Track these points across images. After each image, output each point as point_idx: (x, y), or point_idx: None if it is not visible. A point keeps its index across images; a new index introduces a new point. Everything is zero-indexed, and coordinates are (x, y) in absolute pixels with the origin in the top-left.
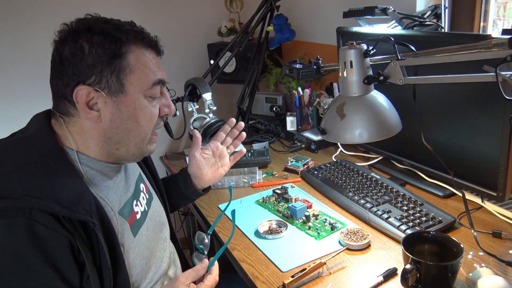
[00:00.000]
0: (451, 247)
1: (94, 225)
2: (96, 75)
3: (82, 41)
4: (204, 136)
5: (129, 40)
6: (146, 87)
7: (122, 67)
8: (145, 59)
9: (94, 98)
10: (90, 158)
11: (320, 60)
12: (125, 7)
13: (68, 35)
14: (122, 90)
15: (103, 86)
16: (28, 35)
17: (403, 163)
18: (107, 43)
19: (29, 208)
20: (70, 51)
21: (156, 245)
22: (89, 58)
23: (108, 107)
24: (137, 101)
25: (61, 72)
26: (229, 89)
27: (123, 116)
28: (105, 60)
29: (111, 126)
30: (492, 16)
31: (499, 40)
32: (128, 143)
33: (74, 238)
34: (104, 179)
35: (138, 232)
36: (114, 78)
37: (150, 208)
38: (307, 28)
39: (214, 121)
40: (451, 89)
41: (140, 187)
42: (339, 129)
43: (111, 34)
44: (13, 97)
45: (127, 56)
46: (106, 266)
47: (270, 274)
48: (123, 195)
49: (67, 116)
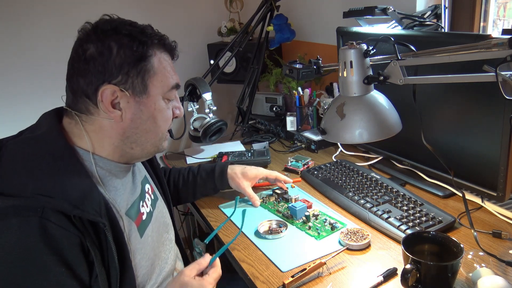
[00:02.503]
0: (451, 247)
1: (104, 225)
2: (122, 75)
3: (110, 41)
4: (204, 136)
5: (153, 44)
6: (166, 89)
7: (147, 69)
8: (165, 63)
9: (118, 97)
10: (102, 157)
11: (320, 60)
12: (126, 7)
13: (93, 33)
14: (145, 91)
15: (128, 87)
16: (28, 35)
17: (403, 163)
18: (135, 45)
19: (41, 207)
20: (97, 50)
21: (161, 246)
22: (117, 58)
23: (131, 107)
24: (157, 102)
25: (85, 70)
26: (229, 89)
27: (143, 117)
28: (132, 62)
29: (131, 126)
30: (492, 16)
31: (499, 40)
32: (145, 143)
33: (84, 238)
34: (113, 179)
35: (144, 233)
36: (140, 79)
37: (155, 209)
38: (307, 28)
39: (214, 121)
40: (451, 89)
41: (146, 188)
42: (339, 129)
43: (138, 37)
44: (13, 97)
45: (151, 59)
46: (114, 266)
47: (270, 274)
48: (130, 196)
49: (85, 114)
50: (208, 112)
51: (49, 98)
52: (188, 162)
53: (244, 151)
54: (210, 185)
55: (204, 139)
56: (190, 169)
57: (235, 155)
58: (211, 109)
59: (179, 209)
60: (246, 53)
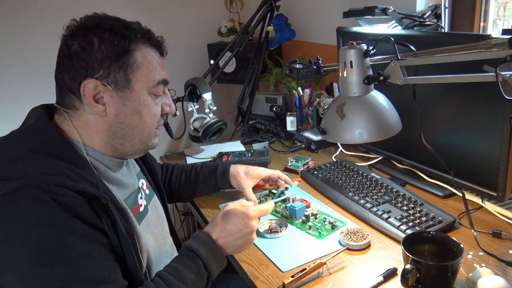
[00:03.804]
0: (451, 247)
1: (107, 199)
2: (104, 70)
3: (92, 36)
4: (204, 136)
5: (137, 38)
6: (151, 84)
7: (129, 63)
8: (150, 58)
9: (101, 92)
10: (95, 150)
11: (320, 60)
12: (126, 7)
13: (77, 30)
14: (128, 86)
15: (110, 81)
16: (26, 34)
17: (403, 163)
18: (116, 39)
19: (46, 183)
20: (79, 45)
21: (161, 238)
22: (98, 52)
23: (114, 101)
24: (141, 97)
25: (69, 65)
26: (229, 89)
27: (127, 111)
28: (113, 56)
29: (116, 120)
30: (492, 16)
31: (499, 40)
32: (133, 139)
33: (92, 204)
34: (108, 171)
35: (141, 223)
36: (122, 73)
37: (149, 204)
38: (307, 28)
39: (214, 121)
40: (451, 89)
41: (140, 183)
42: (339, 129)
43: (120, 31)
44: (10, 96)
45: (134, 53)
46: (124, 241)
47: (270, 274)
48: (127, 188)
49: (71, 110)
50: (208, 112)
51: (47, 97)
52: (188, 162)
53: (244, 151)
54: (211, 182)
55: (204, 139)
56: (193, 167)
57: (235, 155)
58: (211, 109)
59: (179, 209)
60: (246, 53)
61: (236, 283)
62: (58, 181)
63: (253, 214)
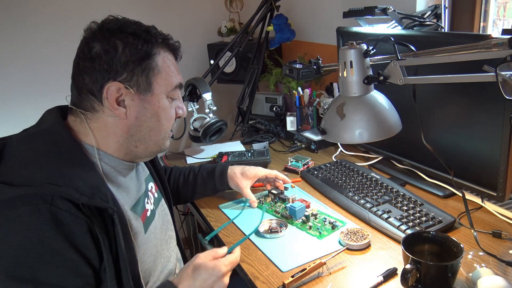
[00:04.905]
0: (451, 247)
1: (113, 211)
2: (127, 73)
3: (116, 39)
4: (204, 136)
5: (158, 43)
6: (169, 88)
7: (151, 67)
8: (169, 62)
9: (123, 95)
10: (107, 154)
11: (320, 60)
12: (126, 7)
13: (99, 32)
14: (149, 89)
15: (133, 84)
16: (30, 37)
17: (403, 163)
18: (139, 44)
19: (50, 195)
20: (103, 48)
21: (164, 244)
22: (122, 56)
23: (135, 104)
24: (161, 101)
25: (91, 67)
26: (229, 89)
27: (147, 114)
28: (137, 60)
29: (135, 123)
30: (492, 16)
31: (499, 40)
32: (149, 141)
33: (93, 224)
34: (117, 175)
35: (148, 230)
36: (144, 77)
37: (158, 208)
38: (307, 28)
39: (214, 121)
40: (451, 89)
41: (149, 186)
42: (339, 129)
43: (143, 35)
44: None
45: (155, 57)
46: (122, 257)
47: (270, 274)
48: (135, 193)
49: (90, 112)
50: (208, 112)
51: (50, 98)
52: (188, 162)
53: (244, 151)
54: (210, 184)
55: (204, 139)
56: (191, 169)
57: (235, 155)
58: (211, 109)
59: (179, 209)
60: (246, 53)
61: (236, 283)
62: (64, 193)
63: (226, 270)
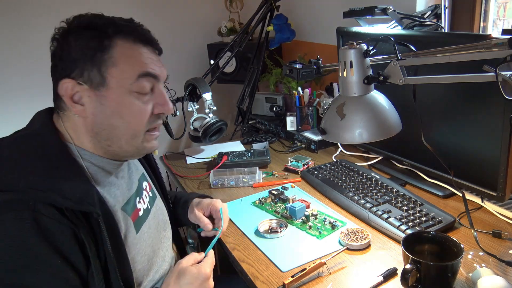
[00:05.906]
0: (451, 247)
1: (98, 215)
2: (79, 68)
3: (70, 35)
4: (204, 136)
5: (115, 34)
6: (129, 80)
7: (103, 60)
8: (131, 52)
9: (79, 92)
10: (92, 154)
11: (320, 60)
12: (125, 7)
13: (60, 30)
14: (103, 84)
15: (86, 79)
16: (26, 35)
17: (403, 163)
18: (90, 37)
19: (33, 200)
20: (59, 46)
21: (159, 243)
22: (73, 52)
23: (92, 101)
24: (120, 96)
25: (53, 67)
26: (229, 89)
27: (106, 111)
28: (87, 53)
29: (96, 121)
30: (492, 16)
31: (499, 40)
32: (118, 140)
33: (78, 229)
34: (107, 175)
35: (140, 229)
36: (96, 71)
37: (153, 207)
38: (307, 28)
39: (214, 121)
40: (451, 89)
41: (143, 185)
42: (339, 129)
43: (97, 28)
44: (10, 96)
45: (110, 50)
46: (110, 260)
47: (270, 274)
48: (126, 192)
49: (61, 111)
50: (208, 112)
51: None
52: (188, 162)
53: (244, 151)
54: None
55: (204, 139)
56: None
57: (235, 155)
58: (211, 109)
59: None
60: (246, 53)
61: (236, 283)
62: (47, 198)
63: (209, 272)
